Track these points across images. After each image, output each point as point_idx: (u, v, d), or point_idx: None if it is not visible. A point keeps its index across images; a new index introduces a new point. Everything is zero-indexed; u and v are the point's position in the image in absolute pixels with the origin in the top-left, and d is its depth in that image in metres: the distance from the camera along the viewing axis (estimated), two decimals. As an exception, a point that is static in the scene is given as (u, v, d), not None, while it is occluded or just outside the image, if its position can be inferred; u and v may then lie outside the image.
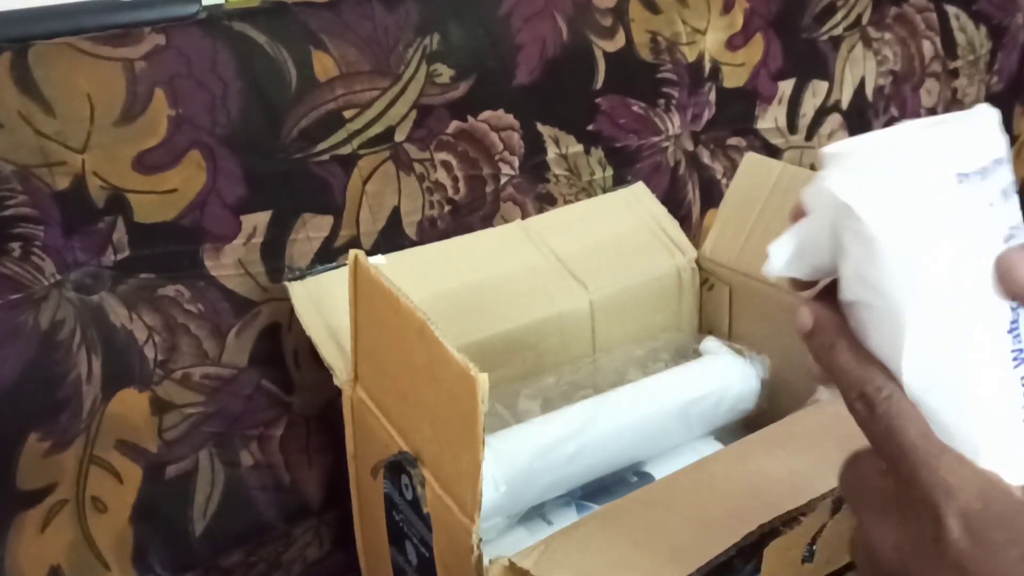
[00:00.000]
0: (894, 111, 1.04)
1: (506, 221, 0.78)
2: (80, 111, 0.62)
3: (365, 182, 0.72)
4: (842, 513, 0.50)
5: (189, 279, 0.66)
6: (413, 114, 0.74)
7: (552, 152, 0.82)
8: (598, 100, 0.84)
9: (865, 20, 1.02)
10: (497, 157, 0.79)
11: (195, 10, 0.67)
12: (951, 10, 1.05)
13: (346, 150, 0.71)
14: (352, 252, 0.55)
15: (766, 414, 0.71)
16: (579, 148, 0.83)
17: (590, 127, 0.84)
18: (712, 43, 0.91)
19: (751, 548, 0.47)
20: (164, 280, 0.65)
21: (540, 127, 0.81)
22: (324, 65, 0.70)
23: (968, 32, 1.03)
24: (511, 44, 0.79)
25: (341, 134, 0.71)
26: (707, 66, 0.91)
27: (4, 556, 0.61)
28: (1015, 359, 0.34)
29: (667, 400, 0.67)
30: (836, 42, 1.00)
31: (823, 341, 0.36)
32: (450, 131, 0.76)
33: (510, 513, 0.61)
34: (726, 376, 0.70)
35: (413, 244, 0.74)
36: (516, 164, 0.80)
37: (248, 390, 0.68)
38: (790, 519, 0.48)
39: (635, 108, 0.86)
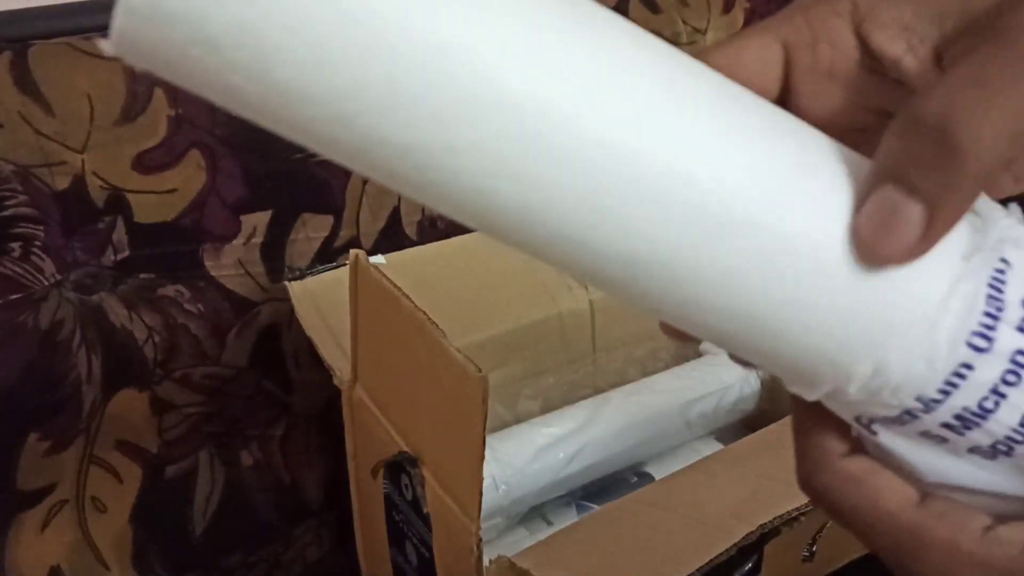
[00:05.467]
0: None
1: (506, 221, 0.78)
2: (80, 111, 0.62)
3: (365, 182, 0.72)
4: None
5: (189, 279, 0.66)
6: (413, 114, 0.74)
7: (552, 152, 0.82)
8: (598, 100, 0.84)
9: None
10: (497, 157, 0.79)
11: (195, 10, 0.67)
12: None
13: (346, 150, 0.71)
14: (352, 252, 0.55)
15: (766, 414, 0.71)
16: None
17: (590, 127, 0.84)
18: (713, 43, 0.91)
19: (751, 548, 0.47)
20: (164, 280, 0.65)
21: (540, 127, 0.81)
22: (324, 65, 0.70)
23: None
24: (511, 44, 0.79)
25: (341, 134, 0.71)
26: (707, 66, 0.91)
27: (4, 556, 0.61)
28: None
29: (667, 400, 0.67)
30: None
31: None
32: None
33: (510, 513, 0.61)
34: (726, 376, 0.70)
35: (413, 244, 0.74)
36: (516, 164, 0.80)
37: (248, 390, 0.68)
38: (790, 519, 0.48)
39: (635, 108, 0.86)
